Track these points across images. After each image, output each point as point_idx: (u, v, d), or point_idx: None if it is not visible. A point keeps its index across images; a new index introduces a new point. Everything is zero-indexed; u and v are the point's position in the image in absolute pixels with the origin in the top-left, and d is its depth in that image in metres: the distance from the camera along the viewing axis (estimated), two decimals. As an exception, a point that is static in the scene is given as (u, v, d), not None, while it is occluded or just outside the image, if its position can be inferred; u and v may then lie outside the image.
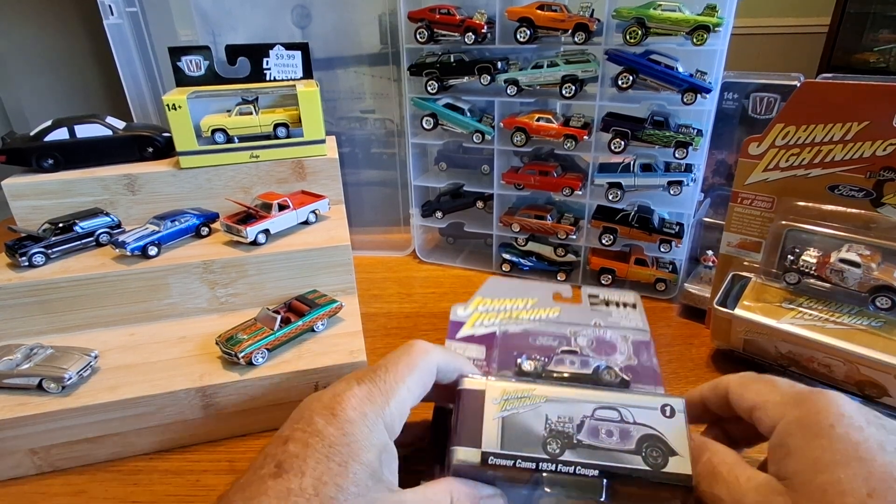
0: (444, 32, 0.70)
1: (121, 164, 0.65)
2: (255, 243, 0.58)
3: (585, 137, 0.69)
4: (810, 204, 0.50)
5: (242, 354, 0.47)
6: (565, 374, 0.42)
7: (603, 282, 0.72)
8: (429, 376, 0.36)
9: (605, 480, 0.34)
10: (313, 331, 0.53)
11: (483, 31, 0.68)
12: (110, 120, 0.66)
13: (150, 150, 0.67)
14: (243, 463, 0.46)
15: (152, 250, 0.56)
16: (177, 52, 0.66)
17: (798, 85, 0.52)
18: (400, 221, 0.87)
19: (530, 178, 0.73)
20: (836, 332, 0.46)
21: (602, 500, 0.35)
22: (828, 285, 0.49)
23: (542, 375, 0.42)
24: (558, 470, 0.34)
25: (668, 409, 0.36)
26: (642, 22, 0.61)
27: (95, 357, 0.48)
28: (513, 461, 0.34)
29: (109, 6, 0.71)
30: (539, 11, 0.66)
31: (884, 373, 0.43)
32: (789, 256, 0.51)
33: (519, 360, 0.43)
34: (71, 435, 0.44)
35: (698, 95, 0.61)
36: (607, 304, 0.49)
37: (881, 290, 0.46)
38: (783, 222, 0.51)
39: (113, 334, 0.54)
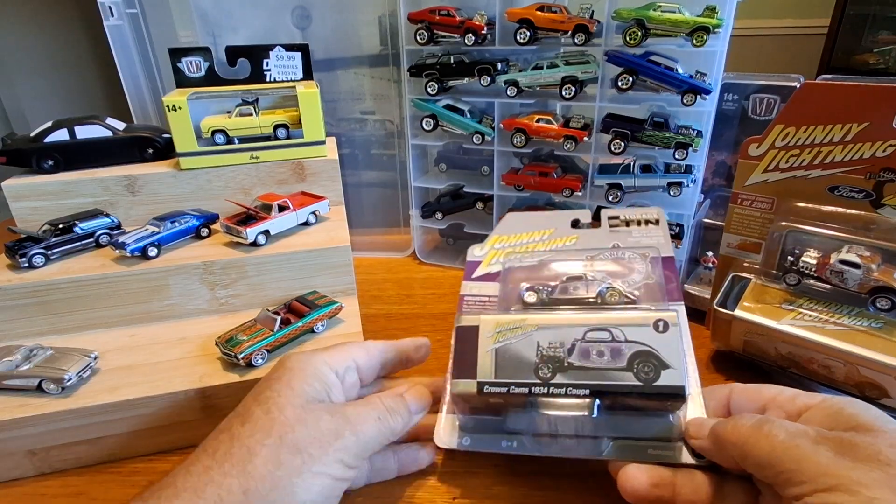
0: (444, 34, 0.70)
1: (121, 165, 0.65)
2: (255, 244, 0.58)
3: (585, 138, 0.69)
4: (810, 205, 0.50)
5: (242, 356, 0.47)
6: (569, 300, 0.43)
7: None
8: (370, 347, 0.43)
9: (596, 399, 0.37)
10: (313, 332, 0.53)
11: (483, 32, 0.68)
12: (110, 121, 0.66)
13: (151, 151, 0.67)
14: (243, 464, 0.46)
15: (152, 251, 0.56)
16: (177, 54, 0.66)
17: (798, 86, 0.52)
18: (400, 222, 0.87)
19: (530, 180, 0.73)
20: (836, 333, 0.46)
21: (594, 416, 0.37)
22: (828, 286, 0.48)
23: (547, 304, 0.43)
24: (550, 392, 0.36)
25: (660, 324, 0.37)
26: (642, 23, 0.61)
27: (95, 358, 0.48)
28: (506, 388, 0.37)
29: (110, 7, 0.71)
30: (539, 13, 0.66)
31: (884, 374, 0.43)
32: (789, 258, 0.50)
33: (521, 294, 0.43)
34: (70, 436, 0.44)
35: (698, 97, 0.61)
36: (628, 224, 0.48)
37: (881, 291, 0.46)
38: (783, 223, 0.51)
39: (113, 335, 0.54)
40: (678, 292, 0.43)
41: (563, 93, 0.67)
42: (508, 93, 0.70)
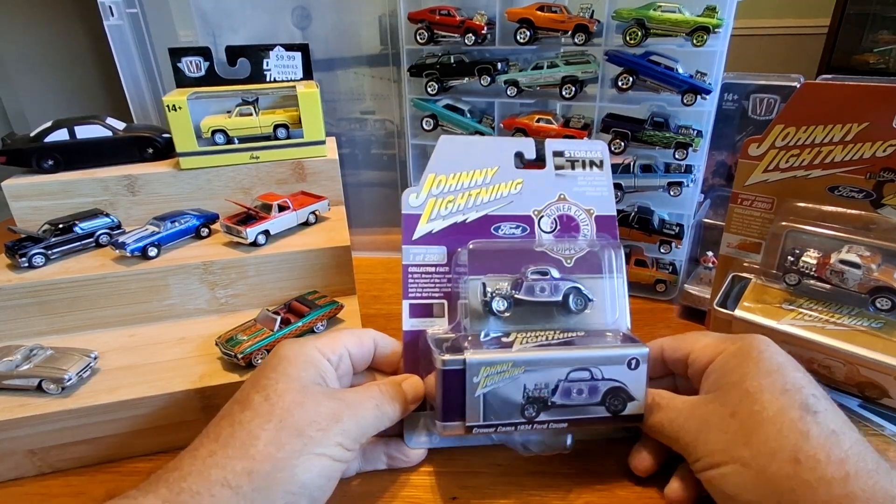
0: (444, 33, 0.70)
1: (121, 164, 0.65)
2: (255, 244, 0.58)
3: (585, 138, 0.69)
4: (810, 205, 0.50)
5: (242, 355, 0.47)
6: (536, 304, 0.44)
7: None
8: (362, 335, 0.44)
9: (569, 436, 0.42)
10: (313, 332, 0.53)
11: (483, 32, 0.68)
12: (110, 121, 0.66)
13: (150, 150, 0.67)
14: (243, 464, 0.46)
15: (152, 251, 0.56)
16: (177, 53, 0.66)
17: (798, 86, 0.52)
18: (400, 222, 0.87)
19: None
20: (837, 333, 0.45)
21: (567, 445, 0.43)
22: (828, 286, 0.48)
23: (514, 305, 0.43)
24: (533, 428, 0.40)
25: (633, 361, 0.40)
26: (642, 23, 0.61)
27: (95, 358, 0.48)
28: (494, 428, 0.39)
29: (110, 7, 0.71)
30: (539, 12, 0.66)
31: (884, 374, 0.43)
32: (789, 257, 0.50)
33: (487, 300, 0.43)
34: (70, 436, 0.44)
35: (698, 96, 0.61)
36: (573, 165, 0.47)
37: (881, 291, 0.46)
38: (783, 223, 0.51)
39: (112, 335, 0.54)
40: (618, 262, 0.45)
41: (563, 93, 0.67)
42: (508, 93, 0.70)
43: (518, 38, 0.68)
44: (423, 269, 0.45)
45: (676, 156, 0.65)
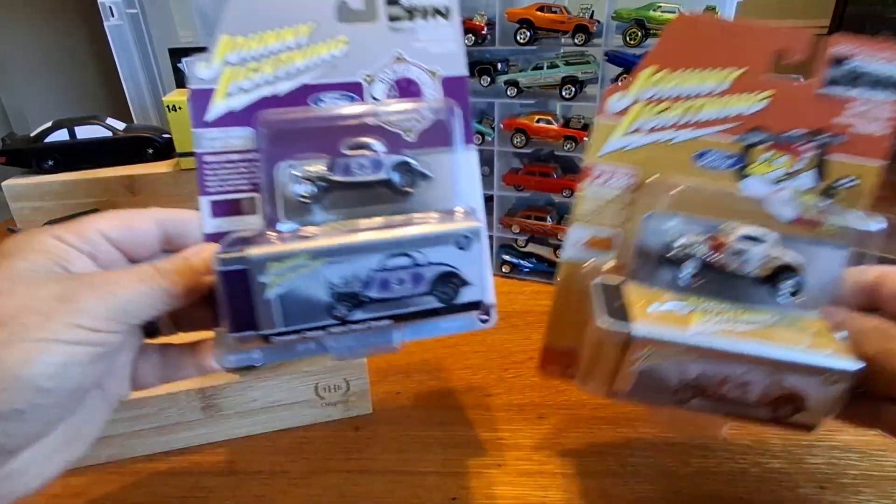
0: (444, 34, 0.70)
1: (121, 165, 0.65)
2: (254, 244, 0.58)
3: (585, 139, 0.69)
4: (678, 180, 0.39)
5: (242, 355, 0.47)
6: (353, 186, 0.36)
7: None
8: (133, 217, 0.36)
9: (394, 329, 0.34)
10: (313, 332, 0.53)
11: (483, 32, 0.68)
12: (110, 121, 0.66)
13: (151, 151, 0.67)
14: (243, 464, 0.46)
15: (152, 251, 0.56)
16: (177, 54, 0.67)
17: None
18: (400, 222, 0.87)
19: (530, 180, 0.73)
20: (752, 333, 0.35)
21: (395, 346, 0.35)
22: (722, 274, 0.37)
23: (326, 192, 0.36)
24: (350, 330, 0.33)
25: (463, 240, 0.33)
26: (642, 23, 0.61)
27: (95, 358, 0.48)
28: (299, 334, 0.33)
29: (110, 8, 0.71)
30: (539, 13, 0.66)
31: (812, 377, 0.34)
32: (674, 245, 0.38)
33: (291, 185, 0.36)
34: (71, 436, 0.44)
35: (698, 97, 0.62)
36: (412, 14, 0.37)
37: (785, 271, 0.36)
38: (654, 203, 0.39)
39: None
40: (467, 131, 0.37)
41: (563, 93, 0.67)
42: (508, 93, 0.70)
43: (518, 38, 0.68)
44: (224, 157, 0.37)
45: (676, 156, 0.65)
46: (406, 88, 0.38)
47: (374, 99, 0.37)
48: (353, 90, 0.37)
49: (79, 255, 0.33)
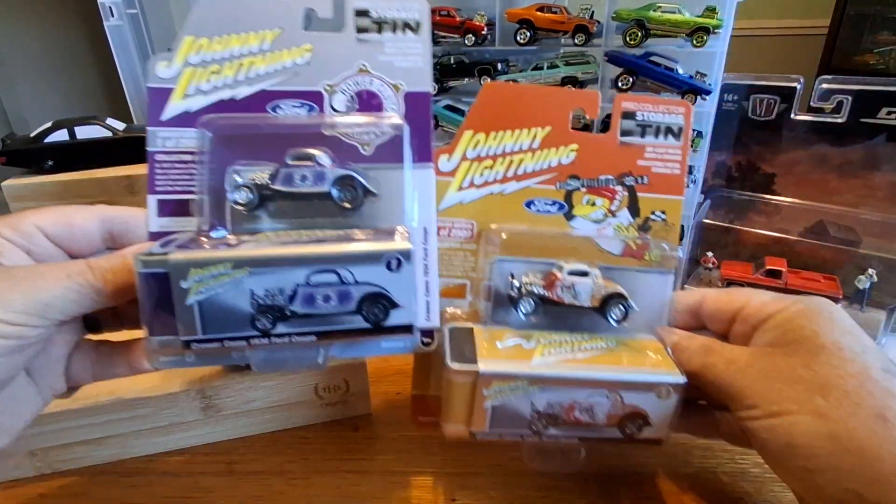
0: (444, 34, 0.70)
1: (120, 165, 0.65)
2: (254, 245, 0.58)
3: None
4: (512, 226, 0.42)
5: (242, 356, 0.47)
6: (293, 196, 0.36)
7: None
8: (76, 212, 0.36)
9: (320, 345, 0.33)
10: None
11: (483, 32, 0.68)
12: (110, 121, 0.66)
13: (150, 151, 0.67)
14: (242, 465, 0.46)
15: (152, 252, 0.56)
16: (177, 54, 0.66)
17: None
18: (400, 223, 0.87)
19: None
20: (591, 359, 0.38)
21: (320, 361, 0.34)
22: (561, 307, 0.40)
23: (268, 201, 0.35)
24: (272, 343, 0.32)
25: (393, 262, 0.33)
26: (642, 24, 0.61)
27: (95, 358, 0.48)
28: (219, 343, 0.32)
29: (110, 8, 0.71)
30: (539, 13, 0.66)
31: (648, 392, 0.37)
32: (514, 284, 0.40)
33: (230, 191, 0.35)
34: (70, 437, 0.44)
35: (698, 97, 0.62)
36: (381, 28, 0.37)
37: (613, 298, 0.40)
38: (493, 251, 0.42)
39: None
40: (426, 149, 0.37)
41: (563, 93, 0.67)
42: (508, 93, 0.70)
43: (518, 38, 0.68)
44: (176, 157, 0.36)
45: (676, 156, 0.65)
46: (367, 101, 0.37)
47: (334, 109, 0.37)
48: (313, 99, 0.37)
49: (12, 248, 0.33)
